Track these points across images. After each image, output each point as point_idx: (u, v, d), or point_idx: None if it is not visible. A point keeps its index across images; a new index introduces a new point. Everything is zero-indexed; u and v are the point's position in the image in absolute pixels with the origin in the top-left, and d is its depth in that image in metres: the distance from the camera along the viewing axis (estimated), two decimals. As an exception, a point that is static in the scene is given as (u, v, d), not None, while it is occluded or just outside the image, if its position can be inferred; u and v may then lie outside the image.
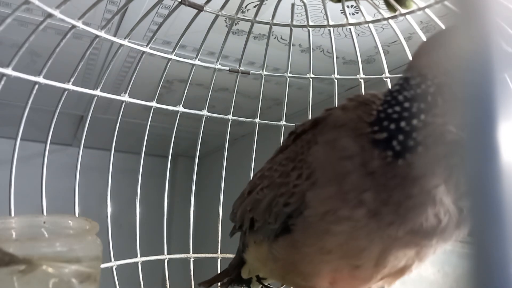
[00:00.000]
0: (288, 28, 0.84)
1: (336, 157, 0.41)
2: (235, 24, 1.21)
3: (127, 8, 1.25)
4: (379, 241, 0.41)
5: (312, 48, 0.85)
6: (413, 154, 0.38)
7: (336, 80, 0.83)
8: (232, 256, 0.69)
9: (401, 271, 0.45)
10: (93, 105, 0.73)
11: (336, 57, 0.83)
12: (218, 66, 0.85)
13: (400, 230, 0.39)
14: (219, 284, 0.67)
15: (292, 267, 0.47)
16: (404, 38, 0.73)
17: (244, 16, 0.84)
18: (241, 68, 0.87)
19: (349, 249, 0.42)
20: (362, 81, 0.80)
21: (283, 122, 0.88)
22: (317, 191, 0.42)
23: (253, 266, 0.59)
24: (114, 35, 1.41)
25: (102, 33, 0.71)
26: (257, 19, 0.83)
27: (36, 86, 0.64)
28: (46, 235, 0.54)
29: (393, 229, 0.40)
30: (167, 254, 0.82)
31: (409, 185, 0.38)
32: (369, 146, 0.40)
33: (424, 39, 0.68)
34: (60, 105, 0.68)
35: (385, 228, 0.40)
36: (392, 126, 0.40)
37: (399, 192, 0.39)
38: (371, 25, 0.76)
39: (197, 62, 0.83)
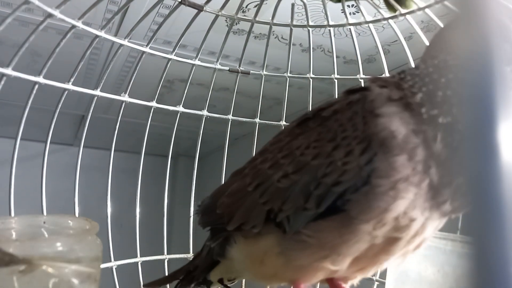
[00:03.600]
0: (289, 28, 0.84)
1: (405, 130, 0.42)
2: (235, 24, 1.21)
3: (128, 8, 1.25)
4: (427, 212, 0.43)
5: (313, 48, 0.85)
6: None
7: (336, 80, 0.83)
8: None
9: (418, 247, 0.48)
10: (93, 105, 0.73)
11: (337, 57, 0.83)
12: (218, 66, 0.85)
13: (454, 206, 0.43)
14: (177, 285, 0.65)
15: (323, 252, 0.46)
16: (405, 38, 0.73)
17: (244, 15, 0.84)
18: (241, 68, 0.87)
19: (403, 220, 0.43)
20: (362, 81, 0.80)
21: (283, 122, 0.88)
22: (390, 160, 0.41)
23: (237, 266, 0.57)
24: (115, 35, 1.41)
25: (102, 33, 0.71)
26: (257, 19, 0.83)
27: (36, 86, 0.64)
28: (46, 235, 0.54)
29: (447, 206, 0.43)
30: (167, 254, 0.82)
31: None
32: (428, 127, 0.42)
33: (425, 39, 0.68)
34: (60, 105, 0.68)
35: (440, 203, 0.43)
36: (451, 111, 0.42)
37: (454, 173, 0.41)
38: (371, 25, 0.76)
39: (197, 62, 0.83)
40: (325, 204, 0.45)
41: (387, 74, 0.76)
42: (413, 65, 0.70)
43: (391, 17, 0.72)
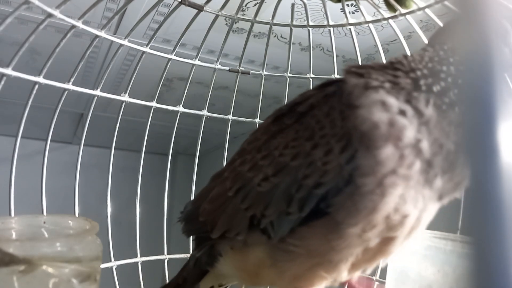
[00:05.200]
0: (288, 27, 0.84)
1: (388, 115, 0.40)
2: (235, 23, 1.21)
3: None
4: (420, 203, 0.42)
5: (312, 47, 0.84)
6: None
7: (336, 80, 0.83)
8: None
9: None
10: (93, 105, 0.73)
11: (336, 56, 0.83)
12: (218, 66, 0.85)
13: (444, 181, 0.42)
14: None
15: (313, 260, 0.44)
16: (404, 37, 0.73)
17: (244, 14, 0.84)
18: (241, 67, 0.87)
19: (395, 218, 0.41)
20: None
21: (283, 122, 0.87)
22: (373, 154, 0.39)
23: (228, 276, 0.55)
24: (114, 33, 1.42)
25: (102, 33, 0.70)
26: (257, 18, 0.82)
27: (36, 86, 0.64)
28: (46, 235, 0.54)
29: (438, 181, 0.41)
30: (167, 254, 0.82)
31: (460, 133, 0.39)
32: (418, 96, 0.41)
33: (424, 38, 0.68)
34: (60, 105, 0.68)
35: (431, 180, 0.41)
36: (447, 78, 0.42)
37: (452, 141, 0.40)
38: (371, 24, 0.76)
39: (197, 62, 0.83)
40: (307, 208, 0.43)
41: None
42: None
43: (391, 17, 0.72)
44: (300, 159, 0.44)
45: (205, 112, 0.86)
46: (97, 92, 0.73)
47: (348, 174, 0.40)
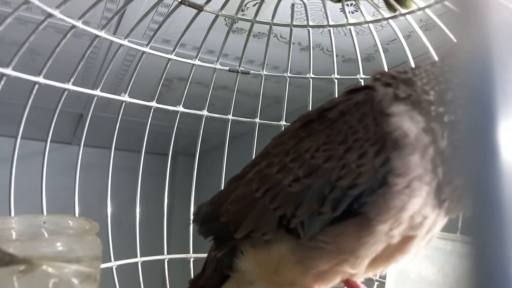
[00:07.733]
0: (288, 27, 0.84)
1: (416, 130, 0.42)
2: (235, 23, 1.21)
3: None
4: (437, 209, 0.44)
5: (312, 47, 0.85)
6: None
7: (336, 80, 0.83)
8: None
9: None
10: (93, 105, 0.73)
11: (336, 55, 0.83)
12: (218, 66, 0.85)
13: (450, 209, 0.45)
14: None
15: (342, 256, 0.45)
16: (404, 37, 0.73)
17: (244, 15, 0.84)
18: (241, 67, 0.87)
19: (417, 217, 0.43)
20: (362, 81, 0.80)
21: (283, 122, 0.88)
22: (404, 159, 0.42)
23: (249, 278, 0.54)
24: (114, 34, 1.41)
25: (102, 33, 0.70)
26: (257, 18, 0.82)
27: (36, 86, 0.64)
28: (46, 235, 0.54)
29: (445, 204, 0.44)
30: (167, 254, 0.82)
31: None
32: (436, 125, 0.43)
33: (424, 38, 0.68)
34: (60, 105, 0.68)
35: (442, 200, 0.44)
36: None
37: (454, 173, 0.42)
38: (370, 24, 0.76)
39: (197, 62, 0.83)
40: (341, 208, 0.44)
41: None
42: (412, 64, 0.71)
43: (391, 17, 0.72)
44: (333, 162, 0.46)
45: (205, 112, 0.86)
46: (97, 92, 0.73)
47: (382, 176, 0.42)
